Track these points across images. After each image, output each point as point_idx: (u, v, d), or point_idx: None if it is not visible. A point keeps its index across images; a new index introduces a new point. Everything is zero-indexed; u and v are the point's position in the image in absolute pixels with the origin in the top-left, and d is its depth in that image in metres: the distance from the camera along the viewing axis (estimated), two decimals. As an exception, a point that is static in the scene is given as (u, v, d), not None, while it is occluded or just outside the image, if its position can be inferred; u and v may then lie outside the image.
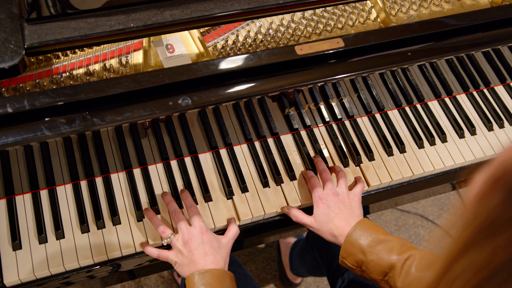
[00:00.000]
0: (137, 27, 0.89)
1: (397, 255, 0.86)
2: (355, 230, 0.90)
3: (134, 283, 1.81)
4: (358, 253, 0.89)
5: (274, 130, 1.09)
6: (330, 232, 0.93)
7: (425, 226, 2.07)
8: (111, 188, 1.00)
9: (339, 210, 0.94)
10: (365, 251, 0.88)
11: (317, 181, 1.00)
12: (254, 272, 1.87)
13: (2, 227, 0.94)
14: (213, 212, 1.00)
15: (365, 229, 0.90)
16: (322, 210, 0.95)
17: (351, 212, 0.94)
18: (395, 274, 0.85)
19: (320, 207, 0.95)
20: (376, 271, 0.87)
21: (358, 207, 0.96)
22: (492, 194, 0.41)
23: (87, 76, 0.98)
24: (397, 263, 0.85)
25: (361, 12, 1.15)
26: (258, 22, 1.11)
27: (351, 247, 0.89)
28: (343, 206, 0.95)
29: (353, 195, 0.98)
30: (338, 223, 0.93)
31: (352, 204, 0.96)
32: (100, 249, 0.94)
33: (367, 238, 0.89)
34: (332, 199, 0.95)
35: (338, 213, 0.94)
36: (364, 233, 0.89)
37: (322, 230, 0.95)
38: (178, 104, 0.91)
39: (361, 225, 0.91)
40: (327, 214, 0.94)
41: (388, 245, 0.87)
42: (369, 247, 0.88)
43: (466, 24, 1.08)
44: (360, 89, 1.14)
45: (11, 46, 0.82)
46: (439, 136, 1.15)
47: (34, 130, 0.84)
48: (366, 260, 0.88)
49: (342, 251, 0.91)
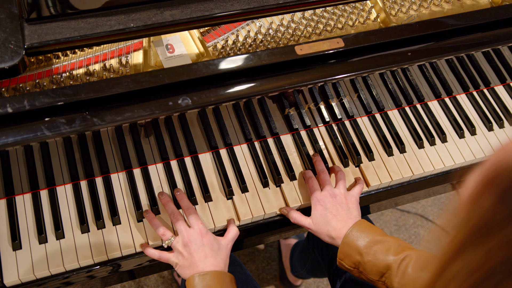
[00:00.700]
0: (137, 27, 0.89)
1: (393, 255, 0.86)
2: (352, 231, 0.90)
3: (134, 283, 1.81)
4: (355, 254, 0.89)
5: (274, 130, 1.09)
6: (327, 233, 0.93)
7: (425, 226, 2.07)
8: (111, 188, 1.00)
9: (337, 211, 0.94)
10: (362, 252, 0.88)
11: (316, 182, 1.00)
12: (254, 272, 1.87)
13: (2, 227, 0.94)
14: (213, 212, 1.00)
15: (362, 230, 0.90)
16: (319, 211, 0.95)
17: (348, 214, 0.94)
18: (391, 274, 0.85)
19: (317, 208, 0.95)
20: (373, 271, 0.87)
21: (355, 208, 0.96)
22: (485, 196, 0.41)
23: (87, 76, 0.98)
24: (394, 264, 0.85)
25: (361, 12, 1.15)
26: (258, 22, 1.11)
27: (348, 248, 0.89)
28: (340, 208, 0.95)
29: (350, 196, 0.98)
30: (336, 224, 0.93)
31: (350, 205, 0.96)
32: (100, 249, 0.94)
33: (364, 239, 0.89)
34: (329, 201, 0.95)
35: (336, 215, 0.94)
36: (361, 234, 0.89)
37: (320, 232, 0.95)
38: (178, 104, 0.91)
39: (358, 226, 0.91)
40: (324, 216, 0.94)
41: (384, 246, 0.87)
42: (366, 248, 0.88)
43: (466, 24, 1.08)
44: (360, 89, 1.14)
45: (11, 46, 0.82)
46: (439, 136, 1.15)
47: (34, 130, 0.84)
48: (363, 261, 0.88)
49: (340, 252, 0.91)
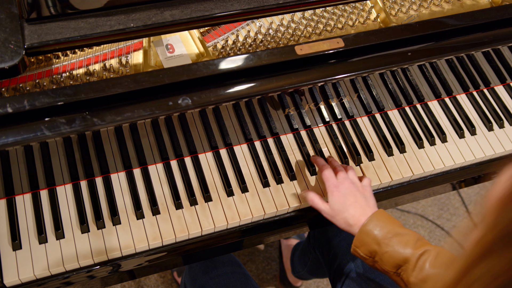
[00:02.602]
0: (137, 27, 0.89)
1: (412, 249, 0.85)
2: (371, 220, 0.90)
3: (134, 283, 1.81)
4: (372, 243, 0.89)
5: (274, 130, 1.09)
6: (344, 220, 0.93)
7: (425, 226, 2.07)
8: (111, 188, 1.00)
9: (355, 198, 0.94)
10: (379, 242, 0.88)
11: (330, 169, 0.99)
12: (254, 272, 1.87)
13: (2, 227, 0.94)
14: (213, 212, 1.00)
15: (382, 220, 0.90)
16: (337, 198, 0.94)
17: (366, 202, 0.94)
18: (408, 268, 0.85)
19: (335, 195, 0.95)
20: (390, 263, 0.87)
21: (371, 197, 0.96)
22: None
23: (87, 76, 0.98)
24: (412, 257, 0.85)
25: (361, 12, 1.15)
26: (258, 22, 1.11)
27: (366, 237, 0.89)
28: (358, 195, 0.94)
29: (366, 186, 0.98)
30: (354, 212, 0.92)
31: (366, 194, 0.96)
32: (100, 249, 0.94)
33: (382, 229, 0.88)
34: (347, 187, 0.95)
35: (353, 202, 0.93)
36: (379, 224, 0.89)
37: (336, 218, 0.94)
38: (178, 104, 0.91)
39: (377, 215, 0.91)
40: (342, 203, 0.94)
41: (403, 238, 0.87)
42: (384, 238, 0.88)
43: (466, 24, 1.08)
44: (360, 89, 1.14)
45: (11, 46, 0.82)
46: (439, 136, 1.15)
47: (34, 130, 0.84)
48: (380, 251, 0.88)
49: (356, 240, 0.91)
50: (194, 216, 0.99)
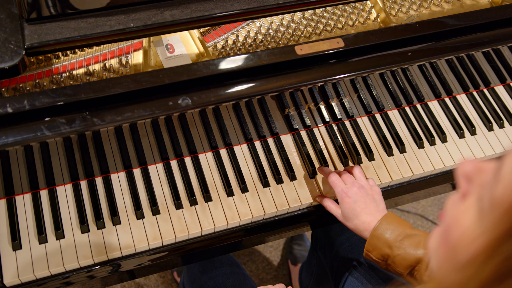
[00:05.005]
0: (137, 27, 0.89)
1: (424, 249, 0.86)
2: (381, 224, 0.90)
3: (134, 283, 1.81)
4: (384, 247, 0.89)
5: (274, 130, 1.09)
6: (356, 227, 0.94)
7: (425, 226, 2.07)
8: (111, 188, 1.00)
9: (365, 204, 0.94)
10: (391, 245, 0.88)
11: (337, 176, 0.99)
12: (254, 272, 1.87)
13: (2, 227, 0.94)
14: (213, 212, 1.00)
15: (391, 222, 0.90)
16: (348, 205, 0.94)
17: (376, 206, 0.94)
18: (421, 268, 0.85)
19: (346, 202, 0.95)
20: (403, 265, 0.87)
21: (381, 200, 0.96)
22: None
23: (87, 76, 0.98)
24: (424, 257, 0.85)
25: (361, 12, 1.15)
26: (258, 22, 1.11)
27: (378, 241, 0.89)
28: (368, 200, 0.94)
29: (375, 188, 0.98)
30: (365, 218, 0.93)
31: (376, 196, 0.96)
32: (100, 249, 0.94)
33: (393, 232, 0.89)
34: (357, 192, 0.94)
35: (364, 208, 0.93)
36: (390, 227, 0.89)
37: (348, 224, 0.96)
38: (178, 104, 0.91)
39: (387, 219, 0.91)
40: (353, 210, 0.94)
41: (415, 240, 0.87)
42: (395, 241, 0.88)
43: (466, 24, 1.08)
44: (360, 89, 1.14)
45: (11, 46, 0.82)
46: (439, 136, 1.15)
47: (34, 130, 0.84)
48: (392, 254, 0.88)
49: (368, 244, 0.91)
50: (194, 216, 0.99)
